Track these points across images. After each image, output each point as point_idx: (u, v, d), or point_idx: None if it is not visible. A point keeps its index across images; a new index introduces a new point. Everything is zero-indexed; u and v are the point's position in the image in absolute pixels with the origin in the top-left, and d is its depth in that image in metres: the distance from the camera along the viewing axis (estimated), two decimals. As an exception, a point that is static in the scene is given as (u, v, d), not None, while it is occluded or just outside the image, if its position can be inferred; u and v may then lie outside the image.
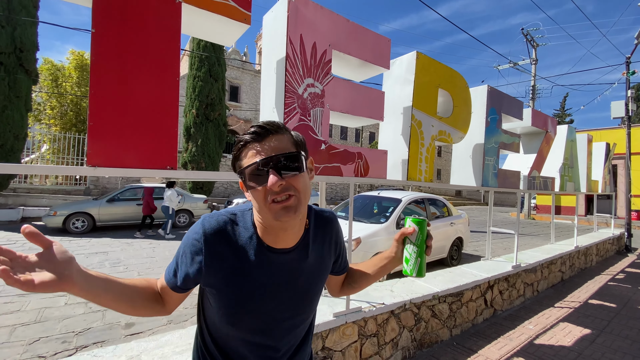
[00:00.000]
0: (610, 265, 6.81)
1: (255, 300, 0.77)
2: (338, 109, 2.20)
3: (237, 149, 0.73)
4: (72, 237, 7.87)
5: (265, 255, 0.77)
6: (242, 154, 0.72)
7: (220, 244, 0.75)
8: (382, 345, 2.55)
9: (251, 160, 0.69)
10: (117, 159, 1.43)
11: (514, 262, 4.10)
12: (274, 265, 0.78)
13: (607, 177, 7.57)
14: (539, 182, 4.53)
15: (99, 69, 1.39)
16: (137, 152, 1.48)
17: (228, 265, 0.75)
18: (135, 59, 1.47)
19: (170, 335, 1.91)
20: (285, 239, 0.78)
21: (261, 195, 0.69)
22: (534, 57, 18.65)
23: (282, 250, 0.78)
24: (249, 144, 0.70)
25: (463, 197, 34.39)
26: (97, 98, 1.39)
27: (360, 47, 2.29)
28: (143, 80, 1.48)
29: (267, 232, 0.77)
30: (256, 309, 0.78)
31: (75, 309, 3.72)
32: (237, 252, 0.76)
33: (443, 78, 2.93)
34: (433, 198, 6.47)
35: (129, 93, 1.45)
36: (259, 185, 0.69)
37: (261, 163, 0.67)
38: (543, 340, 3.20)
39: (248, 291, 0.76)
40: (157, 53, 1.52)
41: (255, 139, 0.70)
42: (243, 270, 0.76)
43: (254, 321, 0.79)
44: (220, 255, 0.75)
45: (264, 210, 0.70)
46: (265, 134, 0.70)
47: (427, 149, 2.84)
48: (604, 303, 4.38)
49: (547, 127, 4.59)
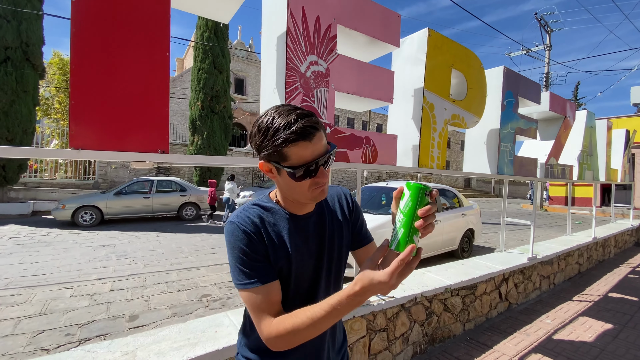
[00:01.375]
0: (629, 258, 6.55)
1: (299, 264, 0.86)
2: (344, 89, 2.04)
3: (280, 139, 0.73)
4: (80, 230, 7.91)
5: (295, 222, 0.88)
6: (289, 149, 0.73)
7: (259, 230, 0.82)
8: (392, 340, 2.43)
9: (304, 159, 0.74)
10: (102, 141, 1.31)
11: (530, 253, 3.92)
12: (303, 227, 0.89)
13: (626, 166, 7.25)
14: (556, 170, 4.31)
15: (80, 41, 1.26)
16: (125, 133, 1.35)
17: (270, 242, 0.83)
18: (121, 31, 1.33)
19: (169, 329, 1.81)
20: (307, 207, 0.90)
21: (307, 185, 0.78)
22: (547, 43, 18.00)
23: (306, 215, 0.90)
24: (299, 141, 0.73)
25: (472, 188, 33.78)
26: (79, 73, 1.27)
27: (368, 23, 2.12)
28: (130, 54, 1.35)
29: (291, 205, 0.88)
30: (301, 272, 0.87)
31: (81, 301, 3.69)
32: (272, 229, 0.84)
33: (457, 57, 2.74)
34: (443, 188, 6.27)
35: (114, 68, 1.32)
36: (308, 178, 0.77)
37: (314, 163, 0.75)
38: (562, 336, 3.04)
39: (292, 257, 0.85)
40: (145, 25, 1.39)
41: (305, 137, 0.73)
42: (281, 240, 0.84)
43: (301, 284, 0.88)
44: (262, 237, 0.82)
45: (305, 194, 0.80)
46: (313, 132, 0.74)
47: (440, 134, 2.67)
48: (625, 296, 4.18)
49: (566, 112, 4.35)
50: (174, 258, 5.63)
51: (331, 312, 0.69)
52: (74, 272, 4.70)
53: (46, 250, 5.82)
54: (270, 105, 1.92)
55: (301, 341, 0.73)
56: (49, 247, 6.11)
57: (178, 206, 10.09)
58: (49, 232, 7.50)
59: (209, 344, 1.67)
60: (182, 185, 10.34)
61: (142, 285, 4.28)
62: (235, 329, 1.82)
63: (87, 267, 4.97)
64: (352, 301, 0.68)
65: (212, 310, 3.55)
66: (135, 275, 4.67)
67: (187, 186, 10.42)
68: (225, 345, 1.65)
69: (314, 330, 0.72)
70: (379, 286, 0.65)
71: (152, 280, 4.45)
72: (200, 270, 5.01)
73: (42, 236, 7.02)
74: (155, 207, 9.70)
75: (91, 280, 4.37)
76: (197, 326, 1.86)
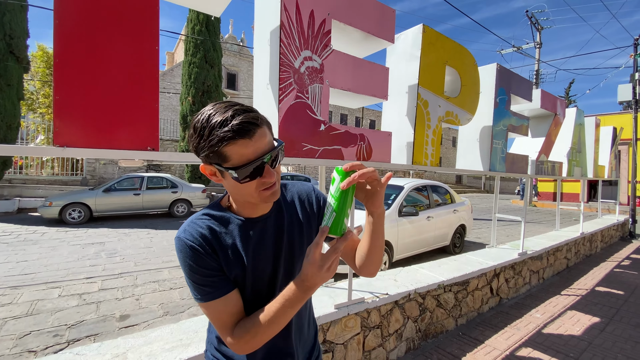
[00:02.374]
0: (615, 252, 6.71)
1: (256, 269, 0.82)
2: (339, 85, 2.02)
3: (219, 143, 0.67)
4: (68, 227, 7.75)
5: (249, 226, 0.83)
6: (228, 149, 0.68)
7: (209, 243, 0.78)
8: (385, 336, 2.43)
9: (245, 158, 0.69)
10: (89, 138, 1.27)
11: (520, 249, 3.97)
12: (259, 230, 0.84)
13: (613, 162, 7.41)
14: (547, 166, 4.37)
15: (64, 34, 1.21)
16: (112, 130, 1.31)
17: (223, 254, 0.79)
18: (107, 23, 1.28)
19: (161, 330, 1.78)
20: (261, 208, 0.85)
21: (253, 186, 0.73)
22: (538, 41, 18.20)
23: (262, 217, 0.85)
24: (238, 139, 0.67)
25: (463, 184, 34.16)
26: (63, 67, 1.21)
27: (363, 18, 2.09)
28: (117, 48, 1.30)
29: (244, 207, 0.84)
30: (258, 277, 0.83)
31: (69, 301, 3.62)
32: (224, 239, 0.80)
33: (451, 54, 2.73)
34: (435, 185, 6.31)
35: (100, 61, 1.27)
36: (252, 179, 0.72)
37: (259, 162, 0.70)
38: (551, 329, 3.09)
39: (247, 264, 0.81)
40: (133, 17, 1.34)
41: (245, 136, 0.68)
42: (235, 250, 0.81)
43: (259, 287, 0.84)
44: (213, 251, 0.78)
45: (254, 196, 0.75)
46: (254, 129, 0.69)
47: (434, 131, 2.67)
48: (612, 290, 4.28)
49: (557, 110, 4.40)
50: (166, 256, 5.56)
51: (284, 304, 0.71)
52: (61, 271, 4.60)
53: (33, 249, 5.69)
54: (264, 101, 1.89)
55: (264, 340, 0.75)
56: (35, 245, 5.97)
57: (169, 203, 9.95)
58: (36, 230, 7.33)
59: (201, 344, 1.64)
60: (173, 181, 10.20)
61: (132, 284, 4.21)
62: (228, 328, 1.80)
63: (76, 265, 4.86)
64: (299, 289, 0.69)
65: (204, 309, 3.51)
66: (125, 273, 4.59)
67: (179, 182, 10.28)
68: (219, 346, 1.62)
69: (273, 326, 0.73)
70: (312, 270, 0.67)
71: (143, 279, 4.39)
72: (192, 267, 4.95)
73: (28, 234, 6.85)
74: (146, 204, 9.55)
75: (80, 280, 4.28)
76: (189, 326, 1.83)
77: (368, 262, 0.88)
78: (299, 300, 0.70)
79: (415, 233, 5.26)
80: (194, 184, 11.57)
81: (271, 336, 0.75)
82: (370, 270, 0.90)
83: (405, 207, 5.17)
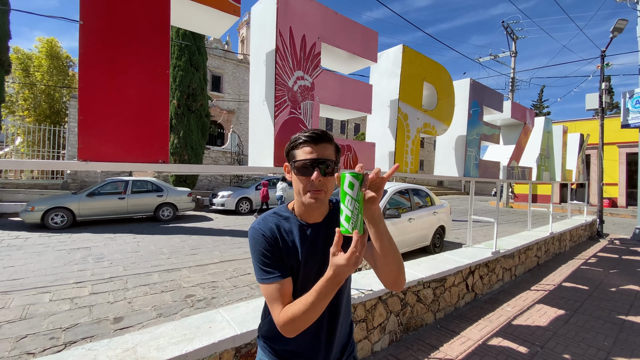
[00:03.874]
0: (582, 250, 7.20)
1: (306, 265, 1.00)
2: (328, 101, 2.23)
3: (295, 142, 0.95)
4: (51, 232, 7.63)
5: (304, 229, 1.02)
6: (298, 148, 0.94)
7: (275, 236, 0.98)
8: (370, 330, 2.65)
9: (305, 156, 0.92)
10: (108, 153, 1.43)
11: (494, 248, 4.29)
12: (312, 235, 1.02)
13: (580, 167, 7.94)
14: (517, 172, 4.73)
15: (87, 62, 1.37)
16: (129, 145, 1.47)
17: (284, 245, 0.99)
18: (124, 51, 1.45)
19: (165, 327, 1.93)
20: (315, 215, 1.03)
21: (303, 183, 0.94)
22: (513, 50, 19.08)
23: (316, 225, 1.03)
24: (307, 142, 0.92)
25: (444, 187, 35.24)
26: (87, 91, 1.37)
27: (349, 40, 2.32)
28: (133, 73, 1.47)
29: (301, 211, 1.02)
30: (307, 272, 1.00)
31: (61, 305, 3.66)
32: (286, 234, 1.00)
33: (428, 71, 3.00)
34: (416, 188, 6.63)
35: (118, 86, 1.44)
36: (304, 176, 0.92)
37: (311, 161, 0.91)
38: (520, 321, 3.39)
39: (301, 258, 0.99)
40: (147, 45, 1.51)
41: (312, 140, 0.92)
42: (294, 244, 1.00)
43: (307, 282, 0.98)
44: (277, 242, 0.98)
45: (301, 194, 0.95)
46: (320, 139, 0.93)
47: (413, 141, 2.92)
48: (577, 286, 4.66)
49: (526, 119, 4.77)
50: (154, 260, 5.62)
51: (318, 294, 0.84)
52: (50, 276, 4.61)
53: (18, 255, 5.62)
54: (260, 116, 2.09)
55: (303, 324, 0.88)
56: (20, 251, 5.90)
57: (154, 207, 9.91)
58: (18, 235, 7.20)
59: (205, 338, 1.81)
60: (158, 185, 10.16)
61: (123, 287, 4.28)
62: (228, 324, 1.97)
63: (64, 270, 4.87)
64: (330, 283, 0.82)
65: (197, 310, 3.64)
66: (115, 277, 4.64)
67: (164, 186, 10.25)
68: (221, 339, 1.80)
69: (310, 313, 0.86)
70: (343, 268, 0.79)
71: (134, 283, 4.46)
72: (182, 271, 5.05)
73: (11, 240, 6.73)
74: (131, 208, 9.49)
75: (69, 284, 4.31)
76: (191, 323, 1.99)
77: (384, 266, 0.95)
78: (329, 292, 0.83)
79: (398, 234, 5.53)
80: (179, 187, 11.54)
81: (308, 322, 0.87)
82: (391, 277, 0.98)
83: (388, 210, 5.44)
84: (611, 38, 9.52)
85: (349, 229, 0.81)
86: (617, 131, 16.70)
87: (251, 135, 2.17)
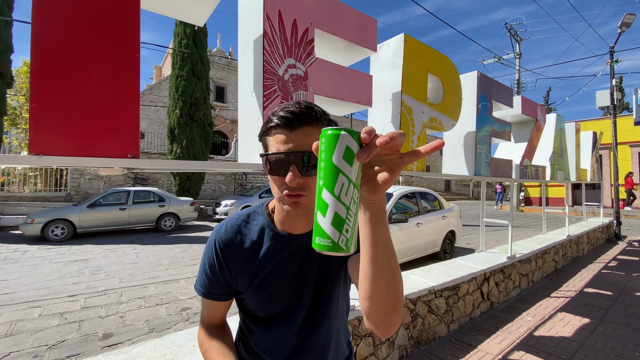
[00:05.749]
0: (601, 254, 6.83)
1: (269, 286, 0.78)
2: (323, 92, 2.03)
3: (266, 126, 0.68)
4: (51, 245, 7.50)
5: (280, 242, 0.78)
6: (269, 136, 0.67)
7: (234, 249, 0.78)
8: (377, 345, 2.40)
9: (276, 148, 0.66)
10: (66, 146, 1.24)
11: (509, 252, 4.01)
12: (289, 251, 0.79)
13: (594, 166, 7.61)
14: (530, 170, 4.46)
15: (41, 39, 1.19)
16: (91, 137, 1.28)
17: (240, 262, 0.78)
18: (87, 30, 1.27)
19: (143, 346, 1.72)
20: (299, 224, 0.78)
21: (277, 184, 0.68)
22: (518, 51, 18.86)
23: (297, 237, 0.79)
24: (279, 127, 0.65)
25: (452, 191, 34.63)
26: (40, 74, 1.19)
27: (345, 27, 2.13)
28: (97, 54, 1.29)
29: (281, 215, 0.78)
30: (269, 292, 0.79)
31: (50, 321, 3.47)
32: (252, 249, 0.78)
33: (432, 62, 2.80)
34: (424, 192, 6.37)
35: (79, 68, 1.25)
36: (278, 175, 0.67)
37: (284, 155, 0.64)
38: (543, 332, 3.10)
39: (265, 276, 0.78)
40: (113, 25, 1.33)
41: (286, 125, 0.65)
42: (259, 259, 0.78)
43: (274, 311, 0.80)
44: (237, 257, 0.78)
45: (277, 197, 0.71)
46: (298, 121, 0.64)
47: (418, 137, 2.70)
48: (600, 291, 4.34)
49: (537, 115, 4.53)
50: (152, 271, 5.42)
51: None
52: (43, 289, 4.43)
53: (13, 268, 5.47)
54: (248, 110, 1.89)
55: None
56: (16, 264, 5.75)
57: (156, 217, 9.76)
58: (17, 248, 7.07)
59: (186, 359, 1.58)
60: (161, 195, 10.04)
61: (117, 301, 4.07)
62: (215, 341, 1.74)
63: (58, 284, 4.69)
64: None
65: (192, 324, 3.41)
66: (110, 290, 4.45)
67: (166, 196, 10.12)
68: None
69: None
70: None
71: (128, 295, 4.25)
72: (180, 282, 4.84)
73: (8, 253, 6.60)
74: (132, 218, 9.35)
75: (62, 298, 4.12)
76: (174, 341, 1.77)
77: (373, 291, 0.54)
78: None
79: (406, 240, 5.27)
80: (182, 197, 11.41)
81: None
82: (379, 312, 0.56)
83: (394, 214, 5.19)
84: (619, 33, 9.27)
85: (338, 242, 0.42)
86: (629, 130, 16.28)
87: (240, 131, 1.98)
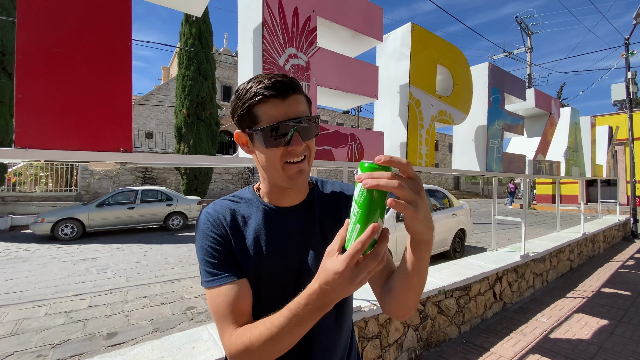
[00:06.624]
0: (618, 252, 6.60)
1: (275, 265, 0.71)
2: (326, 84, 1.95)
3: (253, 98, 0.64)
4: (60, 244, 7.57)
5: (273, 215, 0.75)
6: (258, 108, 0.64)
7: (226, 223, 0.71)
8: (385, 347, 2.31)
9: (275, 118, 0.63)
10: (54, 139, 1.18)
11: (522, 251, 3.86)
12: (285, 221, 0.75)
13: (610, 162, 7.36)
14: (544, 166, 4.30)
15: (28, 28, 1.13)
16: (81, 130, 1.22)
17: (239, 239, 0.71)
18: (75, 16, 1.21)
19: (141, 347, 1.66)
20: (291, 196, 0.76)
21: (278, 155, 0.66)
22: (528, 46, 18.43)
23: (292, 208, 0.76)
24: (270, 98, 0.63)
25: (462, 189, 34.11)
26: (26, 63, 1.13)
27: (349, 15, 2.04)
28: (86, 43, 1.22)
29: (272, 191, 0.75)
30: (277, 277, 0.72)
31: (55, 319, 3.46)
32: (245, 223, 0.73)
33: (441, 53, 2.68)
34: (433, 189, 6.22)
35: (67, 57, 1.19)
36: (278, 146, 0.65)
37: (287, 124, 0.63)
38: (559, 334, 2.96)
39: (266, 255, 0.71)
40: (103, 13, 1.26)
41: (280, 93, 0.63)
42: (255, 236, 0.72)
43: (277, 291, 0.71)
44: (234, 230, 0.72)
45: (278, 170, 0.67)
46: (287, 91, 0.64)
47: (427, 130, 2.60)
48: (618, 291, 4.16)
49: (551, 109, 4.36)
50: (159, 270, 5.41)
51: (291, 318, 0.55)
52: (50, 288, 4.44)
53: (22, 267, 5.52)
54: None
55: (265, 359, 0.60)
56: (25, 263, 5.80)
57: (164, 216, 9.80)
58: (27, 247, 7.16)
59: (184, 362, 1.52)
60: (168, 194, 10.07)
61: (123, 299, 4.06)
62: (214, 343, 1.68)
63: (65, 282, 4.71)
64: (312, 301, 0.54)
65: (197, 324, 3.37)
66: (116, 289, 4.44)
67: (174, 195, 10.15)
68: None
69: (274, 344, 0.57)
70: (335, 278, 0.51)
71: (134, 294, 4.24)
72: (186, 281, 4.81)
73: (19, 252, 6.68)
74: (140, 217, 9.40)
75: (68, 297, 4.12)
76: (173, 342, 1.71)
77: (400, 301, 0.69)
78: (312, 317, 0.55)
79: (414, 238, 5.14)
80: (190, 196, 11.44)
81: (272, 356, 0.60)
82: (399, 312, 0.72)
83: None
84: (634, 25, 8.95)
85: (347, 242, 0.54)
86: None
87: (240, 125, 1.90)
